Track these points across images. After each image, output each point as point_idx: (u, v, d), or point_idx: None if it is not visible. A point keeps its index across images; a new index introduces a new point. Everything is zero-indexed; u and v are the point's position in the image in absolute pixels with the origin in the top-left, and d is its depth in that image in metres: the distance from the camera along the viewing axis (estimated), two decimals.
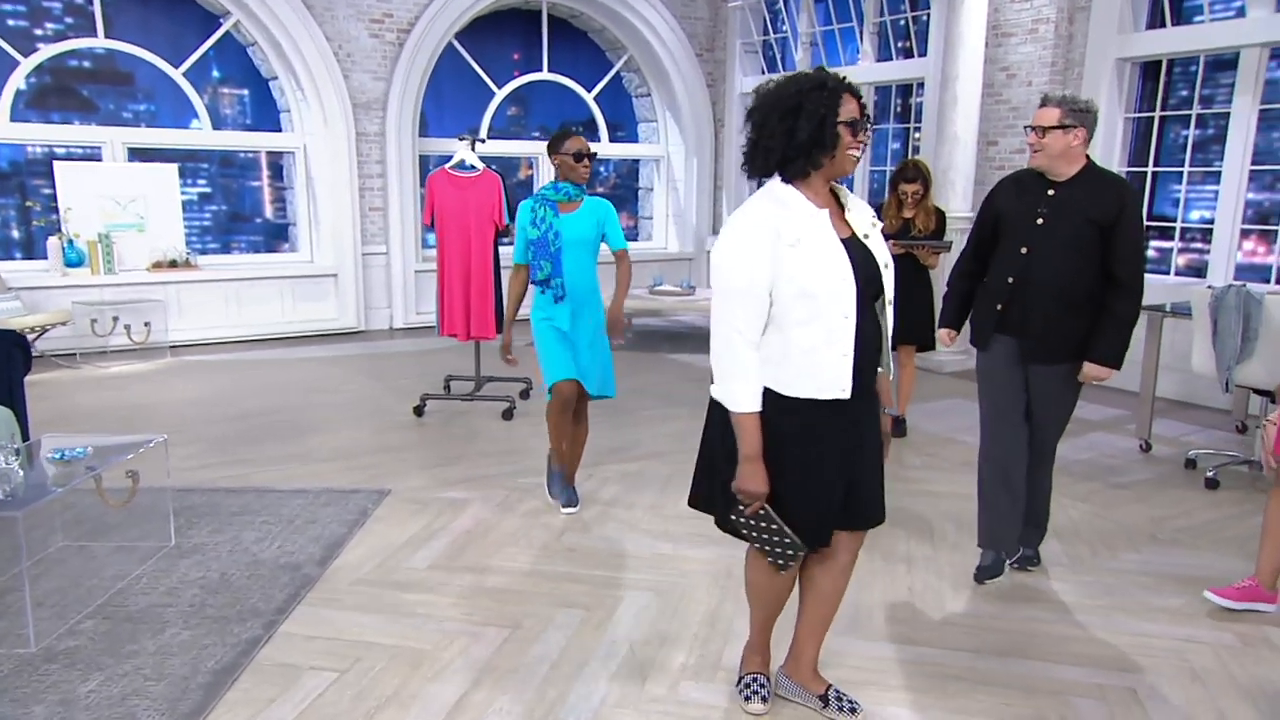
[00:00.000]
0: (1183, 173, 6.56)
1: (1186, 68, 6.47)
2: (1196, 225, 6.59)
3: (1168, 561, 3.63)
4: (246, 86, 9.45)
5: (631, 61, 10.04)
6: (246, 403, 5.90)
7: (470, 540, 3.74)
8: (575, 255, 3.83)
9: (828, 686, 2.57)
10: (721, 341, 2.21)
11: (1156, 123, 6.61)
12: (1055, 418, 3.35)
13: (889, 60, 8.51)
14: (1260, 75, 5.80)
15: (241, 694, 2.59)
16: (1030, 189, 3.27)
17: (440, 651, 2.86)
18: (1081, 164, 3.18)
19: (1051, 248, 3.15)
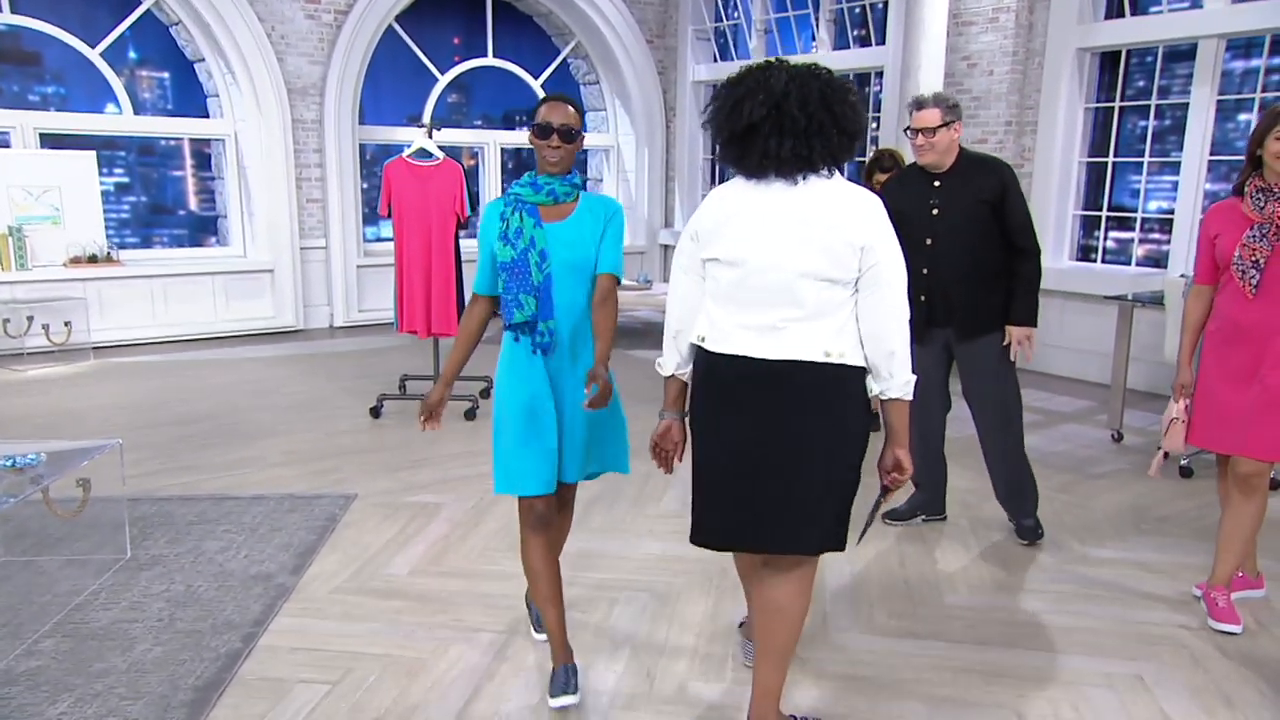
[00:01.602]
0: (1142, 163, 6.82)
1: (1144, 58, 6.74)
2: (1155, 216, 6.87)
3: (1153, 551, 3.78)
4: (167, 69, 9.15)
5: (579, 48, 10.02)
6: (184, 406, 5.72)
7: (449, 545, 3.69)
8: (570, 285, 2.55)
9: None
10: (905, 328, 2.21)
11: (1116, 113, 6.86)
12: (997, 391, 3.72)
13: (846, 49, 8.66)
14: (1217, 66, 6.08)
15: (229, 710, 2.52)
16: (916, 184, 3.67)
17: (435, 660, 2.82)
18: (956, 153, 3.60)
19: (951, 234, 3.56)
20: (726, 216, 2.21)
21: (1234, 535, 3.17)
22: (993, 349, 3.68)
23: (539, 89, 9.90)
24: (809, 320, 2.15)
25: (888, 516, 3.97)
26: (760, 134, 2.11)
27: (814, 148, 2.11)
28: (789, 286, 2.13)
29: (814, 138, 2.10)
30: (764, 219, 2.16)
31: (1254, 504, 3.14)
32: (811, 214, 2.14)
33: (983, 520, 4.05)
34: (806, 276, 2.13)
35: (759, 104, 2.11)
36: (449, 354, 2.76)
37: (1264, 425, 3.02)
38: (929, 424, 3.84)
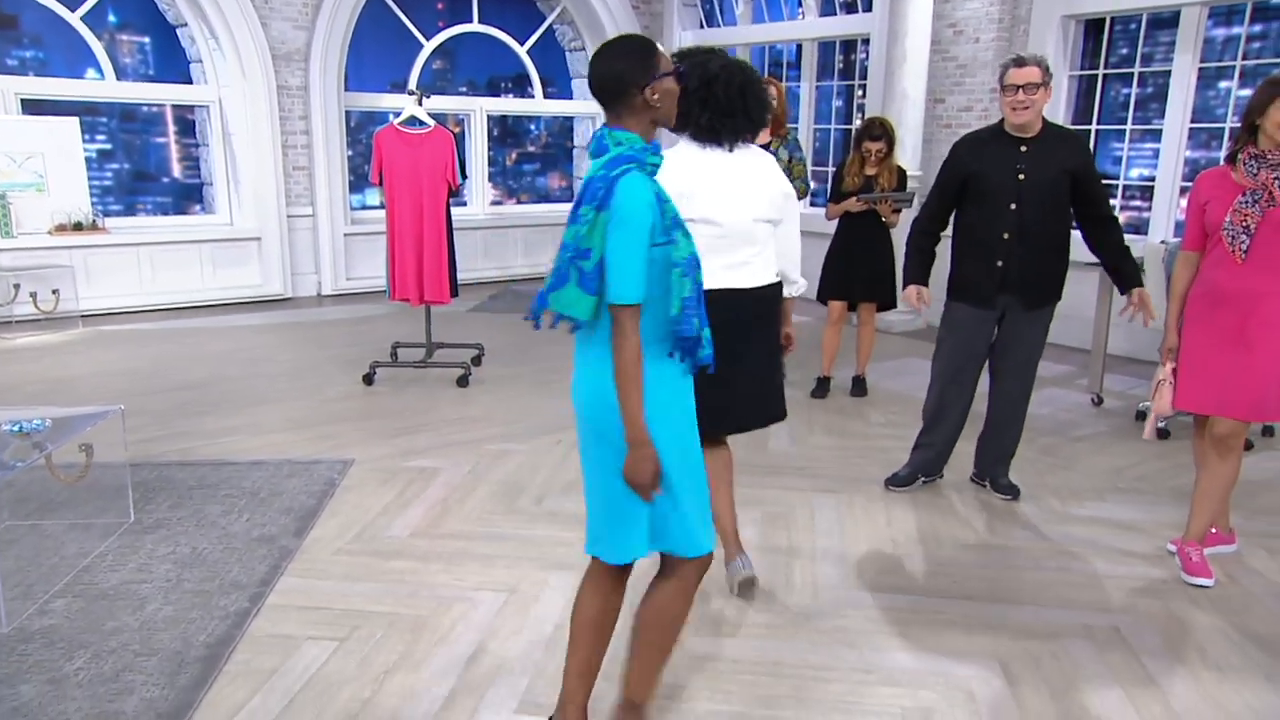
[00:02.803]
0: (1124, 130, 6.90)
1: (1128, 26, 6.79)
2: (1137, 183, 6.96)
3: (1130, 509, 3.90)
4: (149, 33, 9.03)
5: (565, 13, 9.95)
6: (177, 374, 5.74)
7: (448, 508, 3.77)
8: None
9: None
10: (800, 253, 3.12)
11: (1100, 81, 6.92)
12: (1032, 363, 3.84)
13: (832, 15, 8.66)
14: (1199, 34, 6.13)
15: (241, 665, 2.59)
16: (1001, 147, 3.64)
17: (439, 617, 2.90)
18: (1042, 121, 3.60)
19: (1037, 200, 3.54)
20: (690, 186, 2.70)
21: (1209, 493, 3.29)
22: (1043, 321, 3.75)
23: (524, 55, 9.84)
24: (762, 254, 2.86)
25: (890, 484, 4.05)
26: (690, 103, 2.67)
27: (724, 125, 2.73)
28: (749, 231, 2.81)
29: (727, 117, 2.72)
30: (724, 182, 2.77)
31: (1229, 464, 3.26)
32: (753, 173, 2.82)
33: (965, 480, 4.16)
34: (759, 221, 2.82)
35: (695, 79, 2.66)
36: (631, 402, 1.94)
37: (1243, 387, 3.12)
38: (965, 389, 3.88)
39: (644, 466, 1.94)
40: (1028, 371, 3.86)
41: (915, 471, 4.07)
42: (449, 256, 5.38)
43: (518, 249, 9.66)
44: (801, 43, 8.93)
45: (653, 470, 1.94)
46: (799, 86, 9.00)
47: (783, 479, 4.15)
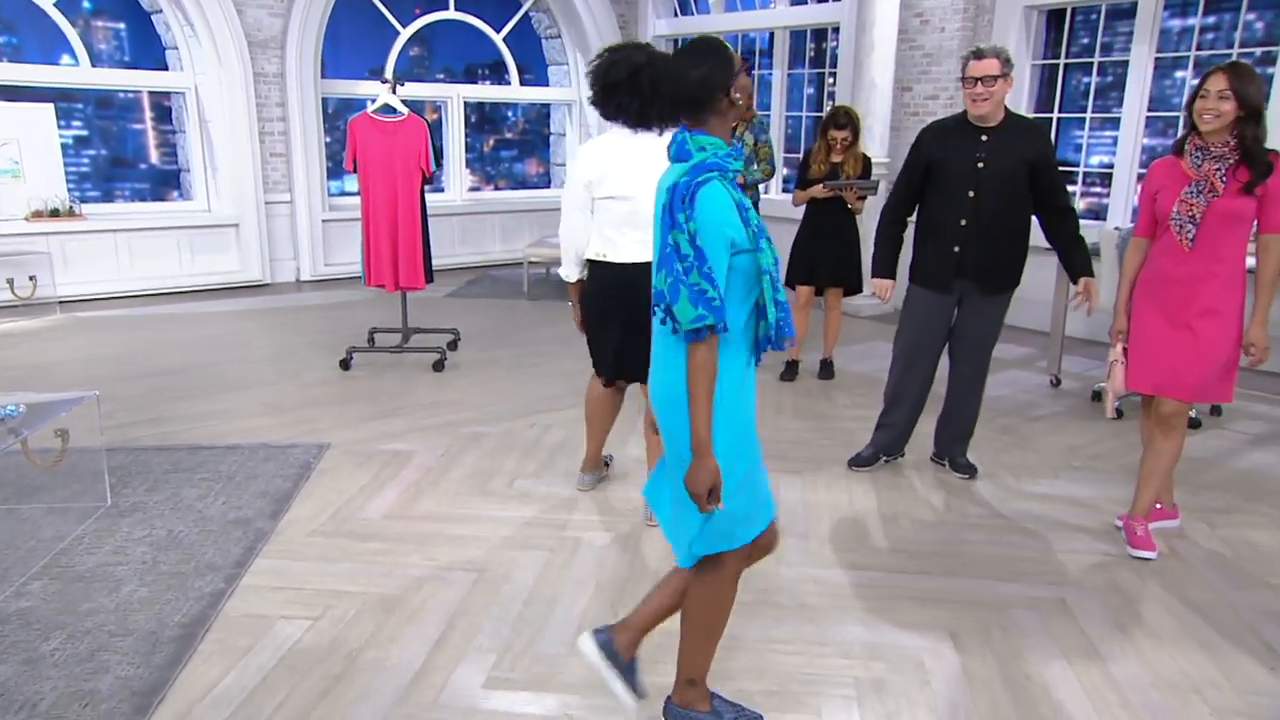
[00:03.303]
0: (1084, 119, 6.97)
1: (1088, 16, 6.85)
2: (1097, 170, 7.04)
3: (1083, 486, 3.98)
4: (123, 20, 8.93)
5: (541, 1, 9.89)
6: (155, 359, 5.72)
7: (421, 490, 3.79)
8: None
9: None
10: None
11: (1061, 70, 6.98)
12: (988, 345, 3.89)
13: (803, 4, 8.66)
14: (1155, 24, 6.20)
15: (216, 644, 2.62)
16: (962, 136, 3.66)
17: (410, 596, 2.94)
18: (1004, 111, 3.61)
19: (995, 189, 3.59)
20: (607, 166, 3.12)
21: (1154, 471, 3.37)
22: (1000, 307, 3.81)
23: (500, 42, 9.79)
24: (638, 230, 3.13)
25: (852, 464, 4.11)
26: (619, 92, 3.03)
27: (650, 112, 3.03)
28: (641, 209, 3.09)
29: (650, 105, 3.01)
30: (643, 162, 3.03)
31: (1173, 442, 3.34)
32: (649, 157, 3.00)
33: (925, 460, 4.23)
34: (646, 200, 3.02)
35: (623, 70, 3.01)
36: (700, 412, 1.94)
37: (1186, 370, 3.20)
38: (924, 371, 3.96)
39: (703, 478, 1.93)
40: (983, 354, 3.92)
41: (877, 451, 4.14)
42: (423, 243, 5.38)
43: (495, 235, 9.65)
44: (773, 31, 8.94)
45: (711, 483, 1.94)
46: (771, 74, 9.01)
47: None
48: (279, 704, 2.37)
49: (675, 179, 1.94)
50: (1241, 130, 3.03)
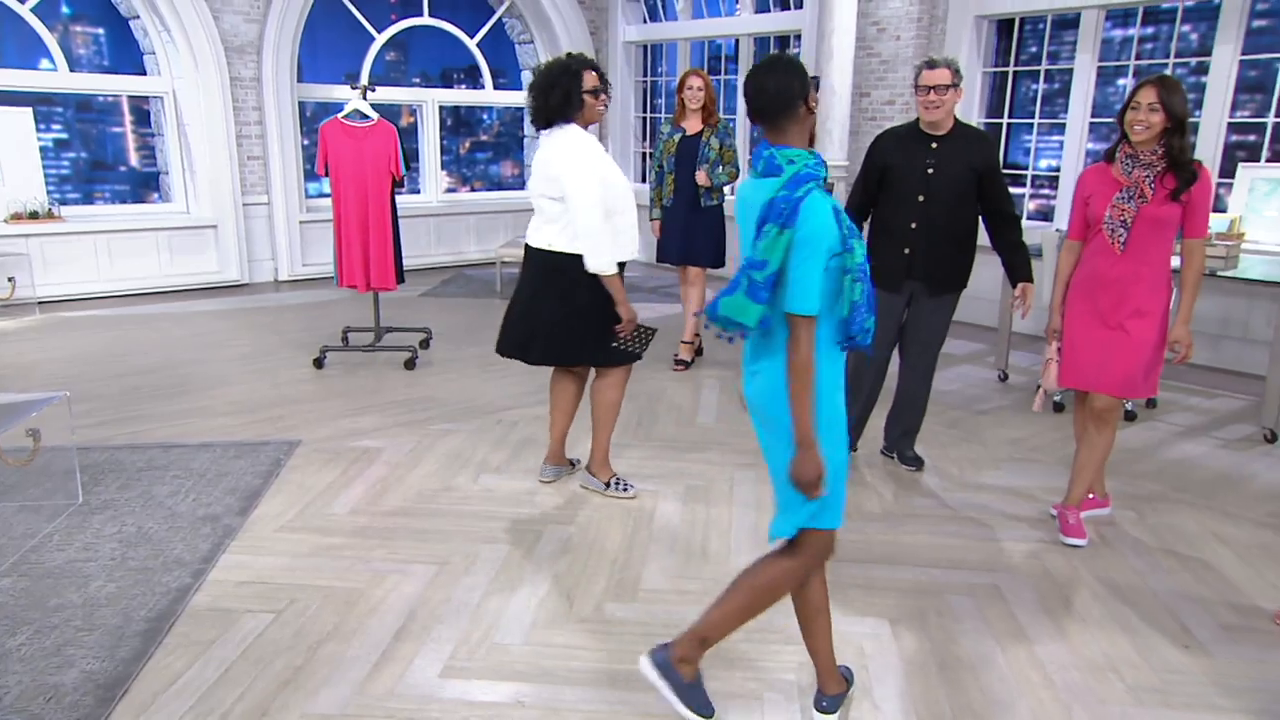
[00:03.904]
0: (1033, 124, 7.06)
1: (1036, 26, 6.93)
2: (1045, 173, 7.14)
3: (1024, 477, 4.06)
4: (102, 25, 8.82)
5: (514, 7, 9.87)
6: (132, 359, 5.68)
7: (388, 486, 3.80)
8: None
9: (611, 475, 3.72)
10: (596, 229, 3.24)
11: (1010, 77, 7.07)
12: (937, 344, 3.94)
13: (766, 12, 8.71)
14: (1098, 34, 6.30)
15: (180, 638, 2.62)
16: (914, 143, 3.72)
17: (373, 589, 2.96)
18: (953, 120, 3.64)
19: (943, 194, 3.65)
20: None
21: (1087, 462, 3.44)
22: (947, 307, 3.86)
23: (474, 47, 9.76)
24: (553, 223, 3.36)
25: None
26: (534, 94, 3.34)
27: (540, 112, 3.32)
28: (536, 202, 3.41)
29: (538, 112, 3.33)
30: (535, 159, 3.40)
31: (1105, 436, 3.41)
32: (546, 154, 3.33)
33: (876, 453, 4.28)
34: (539, 195, 3.37)
35: (541, 77, 3.32)
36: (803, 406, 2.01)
37: (1117, 366, 3.27)
38: (877, 367, 4.02)
39: (809, 468, 2.01)
40: (931, 352, 3.98)
41: None
42: (394, 244, 5.37)
43: (470, 235, 9.63)
44: (739, 38, 8.98)
45: (818, 473, 2.01)
46: (738, 80, 9.05)
47: (706, 454, 4.24)
48: (240, 695, 2.38)
49: (771, 194, 1.99)
50: (1169, 140, 3.10)
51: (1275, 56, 5.58)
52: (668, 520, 3.52)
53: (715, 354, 5.95)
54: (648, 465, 4.05)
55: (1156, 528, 3.53)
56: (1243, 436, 4.56)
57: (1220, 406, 5.06)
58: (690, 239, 5.59)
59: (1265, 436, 4.49)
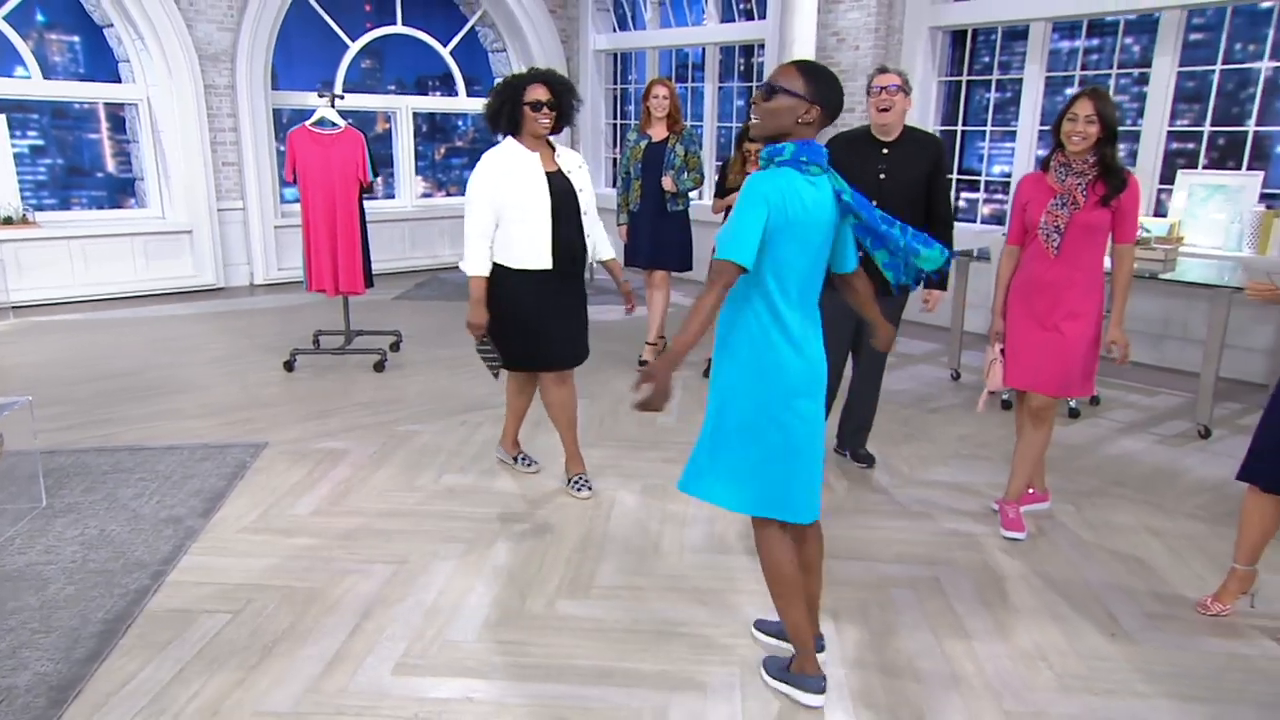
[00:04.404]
0: (986, 131, 7.14)
1: (988, 37, 7.01)
2: (998, 179, 7.21)
3: (970, 473, 4.10)
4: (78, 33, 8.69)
5: (486, 16, 9.84)
6: (105, 363, 5.61)
7: (351, 486, 3.79)
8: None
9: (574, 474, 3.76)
10: (468, 235, 3.40)
11: (964, 86, 7.14)
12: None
13: (732, 21, 8.73)
14: (1045, 46, 6.37)
15: (137, 639, 2.60)
16: (865, 147, 3.73)
17: (330, 589, 2.94)
18: (903, 125, 3.68)
19: (895, 199, 3.63)
20: None
21: (1026, 458, 3.49)
22: (899, 306, 3.82)
23: (448, 56, 9.72)
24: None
25: None
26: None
27: (489, 123, 3.45)
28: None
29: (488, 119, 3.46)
30: None
31: (1043, 433, 3.46)
32: None
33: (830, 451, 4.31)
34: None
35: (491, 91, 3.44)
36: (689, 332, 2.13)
37: (1053, 367, 3.32)
38: (833, 368, 3.96)
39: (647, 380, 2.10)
40: (879, 355, 4.01)
41: None
42: (362, 249, 5.35)
43: (444, 239, 9.58)
44: (705, 47, 9.00)
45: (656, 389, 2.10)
46: (704, 88, 9.08)
47: (666, 452, 4.25)
48: (193, 694, 2.37)
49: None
50: (1102, 150, 3.15)
51: (1211, 69, 5.67)
52: (624, 519, 3.53)
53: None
54: (608, 464, 4.06)
55: (1093, 521, 3.59)
56: (1179, 433, 4.64)
57: (1160, 404, 5.14)
58: (658, 243, 5.61)
59: (1199, 432, 4.57)
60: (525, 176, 3.37)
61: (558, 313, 3.51)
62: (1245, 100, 5.62)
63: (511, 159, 3.39)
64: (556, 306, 3.50)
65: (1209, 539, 3.40)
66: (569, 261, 3.48)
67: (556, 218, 3.39)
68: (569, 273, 3.50)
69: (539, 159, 3.41)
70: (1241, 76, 5.70)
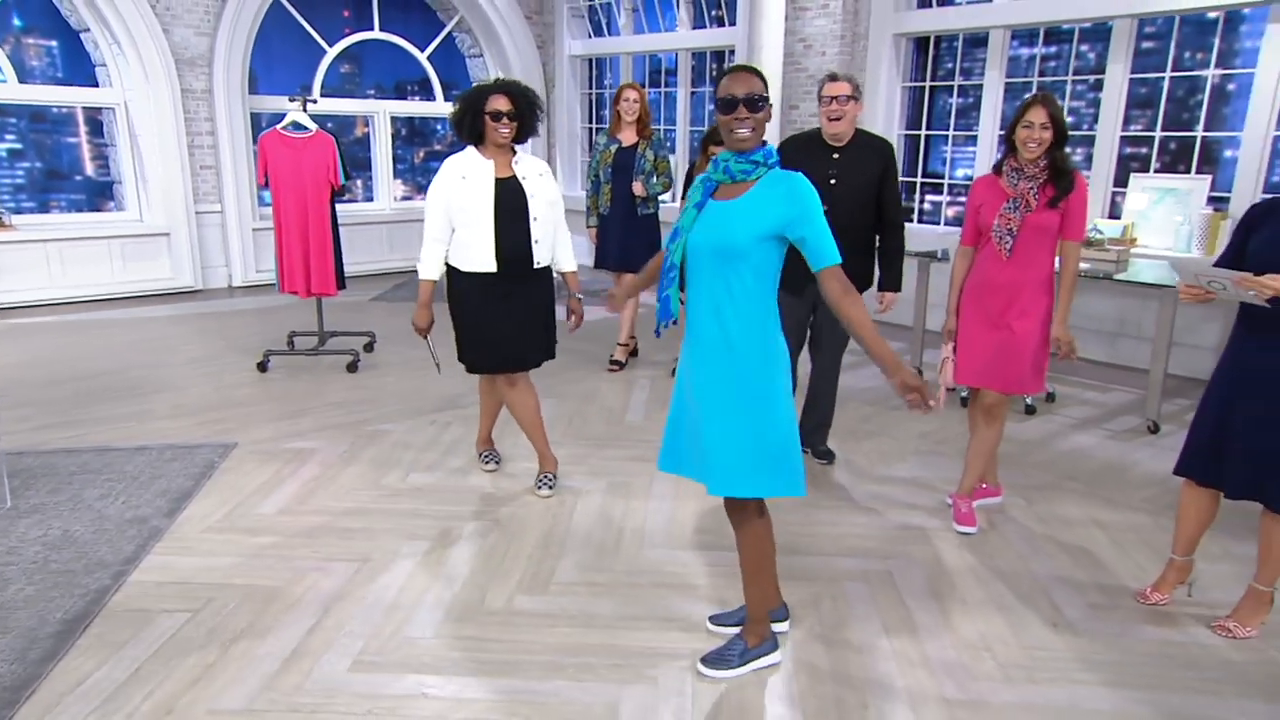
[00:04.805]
0: (948, 136, 7.18)
1: (950, 44, 7.05)
2: (961, 181, 7.25)
3: (927, 469, 4.12)
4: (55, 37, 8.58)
5: (463, 22, 9.80)
6: (79, 365, 5.54)
7: (318, 485, 3.76)
8: (713, 267, 2.31)
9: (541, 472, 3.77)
10: (425, 238, 3.47)
11: (927, 92, 7.18)
12: (842, 341, 3.97)
13: (704, 28, 8.74)
14: (1004, 52, 6.42)
15: (94, 639, 2.57)
16: (817, 152, 3.73)
17: (291, 587, 2.92)
18: (854, 130, 3.67)
19: (846, 203, 3.64)
20: None
21: (979, 454, 3.51)
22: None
23: (425, 61, 9.67)
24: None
25: None
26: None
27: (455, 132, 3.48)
28: None
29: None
30: None
31: (994, 429, 3.48)
32: None
33: None
34: None
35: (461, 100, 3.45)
36: None
37: (1005, 364, 3.34)
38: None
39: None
40: (837, 353, 4.02)
41: None
42: (334, 251, 5.31)
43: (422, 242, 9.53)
44: (677, 52, 9.00)
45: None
46: (677, 92, 9.08)
47: (632, 450, 4.25)
48: (148, 693, 2.34)
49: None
50: (1053, 154, 3.18)
51: (1161, 75, 5.73)
52: (587, 516, 3.53)
53: (650, 354, 5.96)
54: (575, 462, 4.05)
55: (1043, 515, 3.61)
56: (1129, 428, 4.68)
57: (1113, 400, 5.19)
58: (627, 246, 5.60)
59: (1149, 427, 4.62)
60: (475, 182, 3.38)
61: (504, 316, 3.48)
62: (1194, 106, 5.68)
63: (466, 165, 3.41)
64: (503, 310, 3.47)
65: (1153, 531, 3.43)
66: (515, 264, 3.44)
67: (500, 222, 3.38)
68: (518, 276, 3.46)
69: (492, 166, 3.41)
70: (1191, 83, 5.76)
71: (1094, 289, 5.93)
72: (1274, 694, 2.44)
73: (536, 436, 3.74)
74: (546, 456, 3.78)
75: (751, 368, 2.27)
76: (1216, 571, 3.08)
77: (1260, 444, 2.53)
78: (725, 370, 2.28)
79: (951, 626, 2.76)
